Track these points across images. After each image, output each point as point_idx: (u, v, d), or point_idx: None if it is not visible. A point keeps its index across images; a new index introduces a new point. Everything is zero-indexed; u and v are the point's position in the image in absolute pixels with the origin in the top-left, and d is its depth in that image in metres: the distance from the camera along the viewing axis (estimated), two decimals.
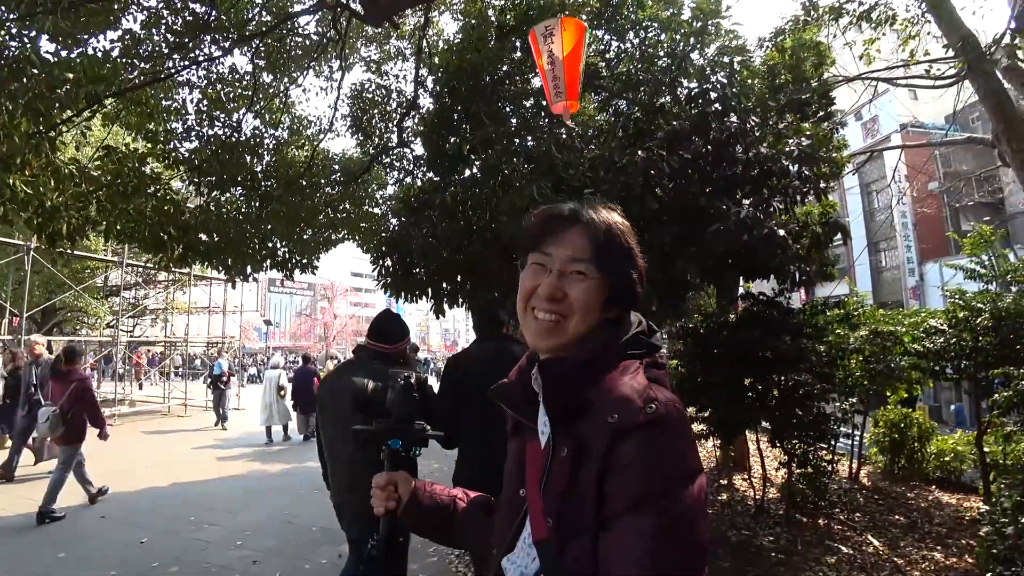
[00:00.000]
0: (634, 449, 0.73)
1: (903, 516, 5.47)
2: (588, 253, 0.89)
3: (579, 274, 0.88)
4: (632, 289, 0.92)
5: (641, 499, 0.71)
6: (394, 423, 1.09)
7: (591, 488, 0.76)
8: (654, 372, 0.86)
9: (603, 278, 0.88)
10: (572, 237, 0.90)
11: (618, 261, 0.90)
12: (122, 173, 4.69)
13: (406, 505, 1.07)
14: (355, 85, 7.33)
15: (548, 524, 0.81)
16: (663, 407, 0.76)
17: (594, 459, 0.76)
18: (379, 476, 1.07)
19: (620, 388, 0.80)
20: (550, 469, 0.83)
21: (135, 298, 17.17)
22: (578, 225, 0.91)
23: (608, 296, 0.89)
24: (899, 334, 5.59)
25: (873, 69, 9.43)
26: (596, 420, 0.78)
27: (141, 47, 5.31)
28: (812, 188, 4.18)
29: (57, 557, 4.36)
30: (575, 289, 0.88)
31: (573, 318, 0.88)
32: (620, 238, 0.91)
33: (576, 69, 3.17)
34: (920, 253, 19.10)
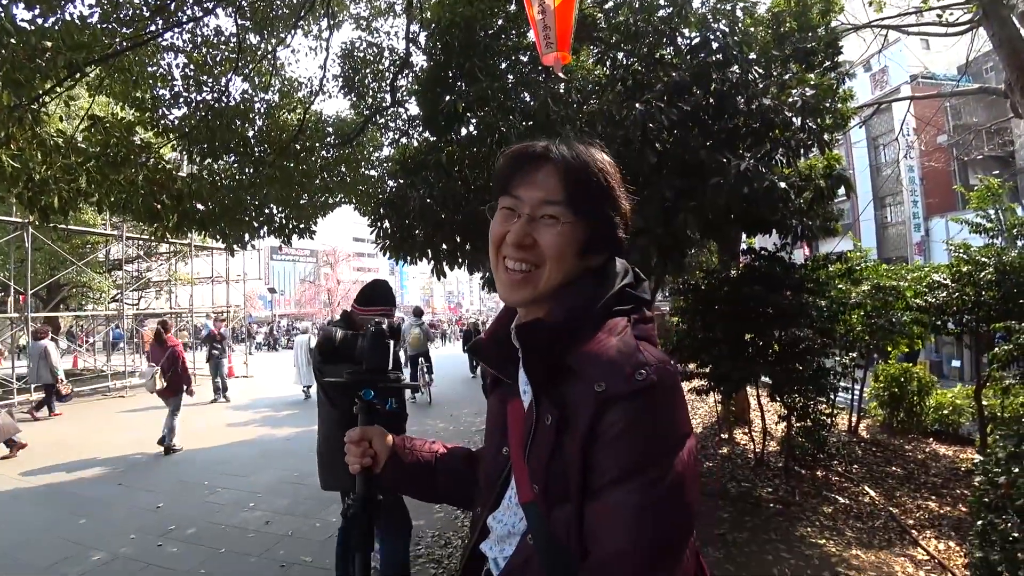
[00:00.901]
0: (622, 419, 0.70)
1: (900, 467, 5.58)
2: (560, 194, 0.80)
3: (551, 218, 0.80)
4: (612, 233, 0.84)
5: (629, 470, 0.69)
6: (365, 372, 1.02)
7: (576, 457, 0.72)
8: (642, 328, 0.80)
9: (578, 221, 0.80)
10: (543, 177, 0.82)
11: (595, 202, 0.82)
12: (110, 143, 4.59)
13: (385, 462, 1.01)
14: (345, 44, 7.10)
15: (534, 490, 0.78)
16: (653, 372, 0.71)
17: (580, 428, 0.72)
18: (352, 431, 1.00)
19: (607, 352, 0.74)
20: (534, 437, 0.79)
21: (138, 271, 17.20)
22: (549, 164, 0.82)
23: (585, 242, 0.82)
24: (901, 289, 5.57)
25: (884, 16, 9.09)
26: (582, 387, 0.73)
27: (121, 11, 5.12)
28: (816, 140, 4.06)
29: (79, 524, 4.50)
30: (546, 235, 0.80)
31: (545, 267, 0.81)
32: (598, 176, 0.82)
33: (568, 19, 3.03)
34: (927, 208, 18.85)
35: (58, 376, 8.98)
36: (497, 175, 0.88)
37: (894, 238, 20.20)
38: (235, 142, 5.83)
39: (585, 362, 0.75)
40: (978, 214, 5.60)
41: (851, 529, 4.12)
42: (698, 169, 3.53)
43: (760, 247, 5.31)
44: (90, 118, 4.81)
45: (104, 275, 15.20)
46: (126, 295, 14.73)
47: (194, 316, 15.99)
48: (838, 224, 5.83)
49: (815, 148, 4.30)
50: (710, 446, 6.43)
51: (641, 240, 3.39)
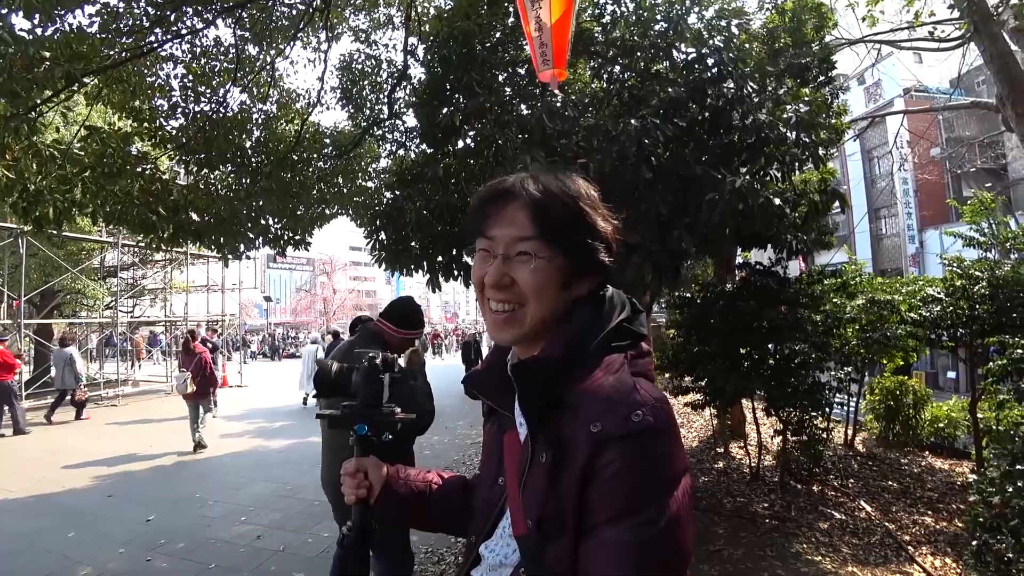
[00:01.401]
0: (618, 459, 0.70)
1: (896, 482, 5.56)
2: (531, 229, 0.79)
3: (525, 255, 0.79)
4: (593, 260, 0.82)
5: (625, 509, 0.69)
6: (359, 407, 1.02)
7: (572, 495, 0.72)
8: (639, 364, 0.80)
9: (554, 254, 0.79)
10: (512, 214, 0.81)
11: (568, 232, 0.80)
12: (106, 154, 4.59)
13: (380, 493, 1.01)
14: (344, 56, 7.13)
15: (528, 524, 0.78)
16: (649, 413, 0.71)
17: (576, 466, 0.72)
18: (347, 463, 1.01)
19: (603, 391, 0.74)
20: (529, 473, 0.78)
21: (133, 278, 17.10)
22: (518, 200, 0.81)
23: (566, 273, 0.81)
24: (896, 303, 5.59)
25: (876, 32, 9.21)
26: (578, 426, 0.73)
27: (120, 21, 5.13)
28: (811, 155, 4.09)
29: (67, 536, 4.43)
30: (523, 272, 0.79)
31: (528, 305, 0.80)
32: (567, 204, 0.80)
33: (565, 36, 3.06)
34: (920, 220, 18.97)
35: (81, 382, 9.62)
36: (470, 218, 0.88)
37: (889, 250, 20.30)
38: (232, 153, 5.83)
39: (581, 401, 0.75)
40: (971, 227, 5.62)
41: (847, 545, 4.10)
42: (693, 184, 3.54)
43: (755, 261, 5.33)
44: (87, 128, 4.80)
45: (98, 282, 15.12)
46: (120, 302, 14.65)
47: (188, 324, 15.87)
48: (833, 237, 5.86)
49: (810, 163, 4.33)
50: (706, 460, 6.41)
51: (636, 255, 3.40)
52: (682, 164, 3.62)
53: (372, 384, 1.02)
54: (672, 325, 5.90)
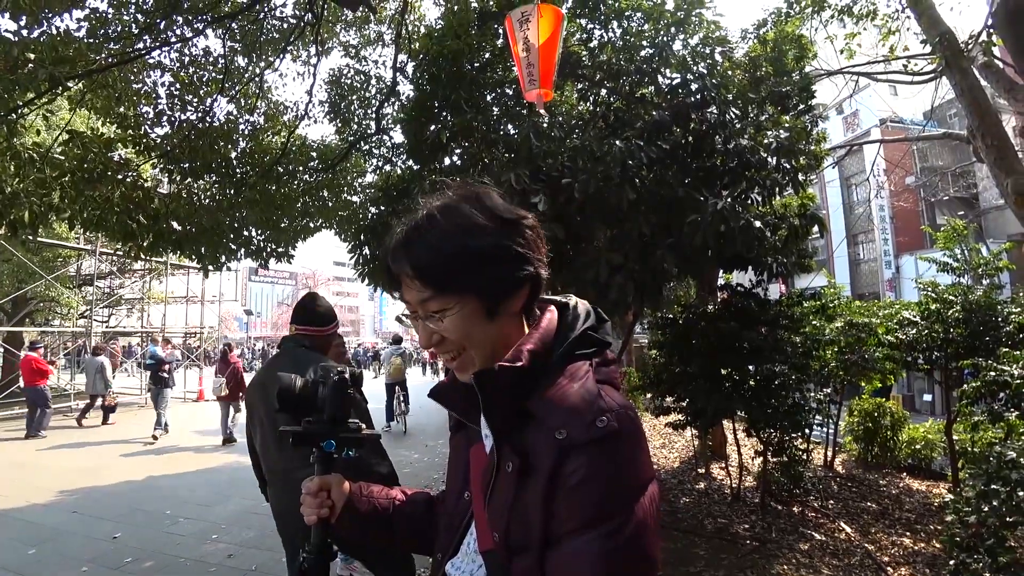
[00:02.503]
0: (583, 467, 0.69)
1: (875, 503, 5.60)
2: (424, 289, 0.78)
3: (436, 312, 0.79)
4: (499, 281, 0.79)
5: (590, 518, 0.68)
6: (325, 423, 0.98)
7: (538, 505, 0.71)
8: (604, 371, 0.80)
9: (461, 299, 0.77)
10: (407, 280, 0.80)
11: (459, 275, 0.77)
12: (88, 159, 4.52)
13: (341, 512, 0.98)
14: (333, 70, 7.17)
15: (494, 538, 0.77)
16: (614, 419, 0.71)
17: (541, 475, 0.71)
18: (310, 482, 0.97)
19: (568, 398, 0.73)
20: (495, 484, 0.78)
21: (110, 287, 16.76)
22: (401, 260, 0.79)
23: (483, 307, 0.79)
24: (873, 325, 5.69)
25: (854, 64, 9.54)
26: (542, 434, 0.73)
27: (108, 27, 5.11)
28: (791, 180, 4.19)
29: (27, 553, 4.26)
30: (444, 328, 0.79)
31: (468, 349, 0.81)
32: (447, 248, 0.77)
33: (552, 57, 3.11)
34: (897, 246, 19.48)
35: (111, 389, 10.50)
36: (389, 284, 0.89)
37: (867, 274, 20.77)
38: (217, 162, 5.78)
39: (546, 408, 0.74)
40: (945, 253, 5.78)
41: (827, 567, 4.10)
42: (676, 206, 3.60)
43: (737, 283, 5.40)
44: (68, 133, 4.74)
45: (74, 290, 14.77)
46: (96, 312, 14.30)
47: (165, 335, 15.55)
48: (812, 261, 5.97)
49: (790, 187, 4.43)
50: (687, 481, 6.39)
51: (620, 275, 3.42)
52: (665, 186, 3.68)
53: (340, 400, 0.99)
54: (654, 345, 5.92)
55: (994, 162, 4.97)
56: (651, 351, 6.78)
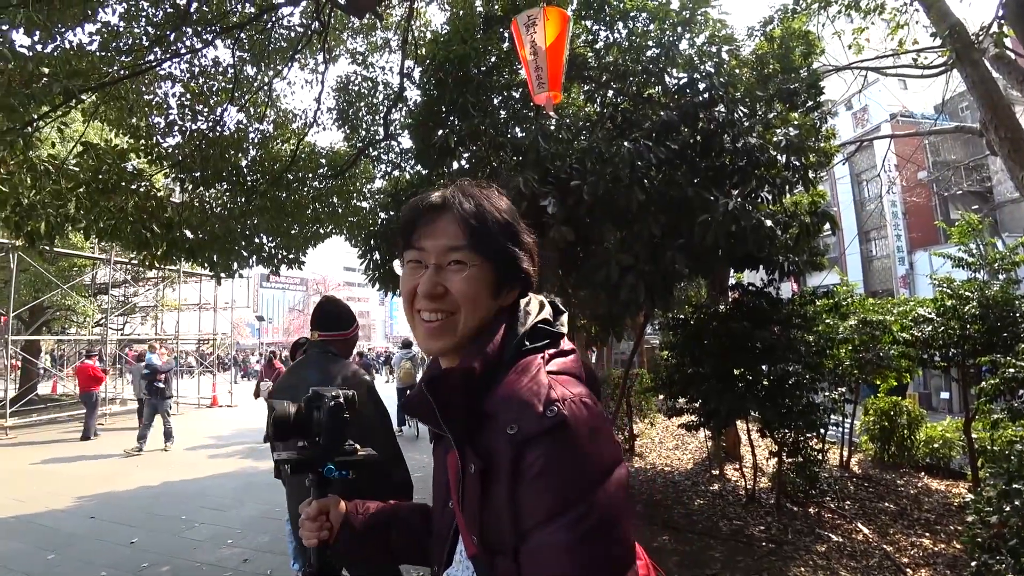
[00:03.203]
0: (539, 459, 0.68)
1: (893, 503, 5.52)
2: (462, 239, 0.81)
3: (457, 264, 0.81)
4: (518, 269, 0.84)
5: (553, 509, 0.67)
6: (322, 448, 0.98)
7: (504, 504, 0.71)
8: (560, 363, 0.79)
9: (485, 263, 0.81)
10: (443, 225, 0.82)
11: (497, 241, 0.82)
12: (102, 170, 4.59)
13: (338, 532, 0.98)
14: (341, 78, 7.22)
15: (473, 542, 0.77)
16: (565, 407, 0.70)
17: (503, 474, 0.71)
18: (308, 506, 0.97)
19: (518, 393, 0.73)
20: (464, 487, 0.78)
21: (124, 296, 16.98)
22: (448, 212, 0.83)
23: (496, 282, 0.82)
24: (888, 323, 5.62)
25: (862, 59, 9.45)
26: (498, 432, 0.72)
27: (120, 40, 5.19)
28: (801, 178, 4.16)
29: (47, 559, 4.32)
30: (456, 281, 0.80)
31: (460, 313, 0.81)
32: (496, 215, 0.83)
33: (559, 59, 3.12)
34: (910, 242, 19.24)
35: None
36: (400, 230, 0.88)
37: (879, 271, 20.52)
38: (228, 171, 5.84)
39: (497, 406, 0.74)
40: (960, 249, 5.69)
41: (845, 569, 4.05)
42: (686, 206, 3.59)
43: (748, 282, 5.36)
44: (83, 144, 4.81)
45: (89, 299, 14.98)
46: (111, 320, 14.50)
47: (179, 343, 15.73)
48: (824, 258, 5.92)
49: (800, 185, 4.40)
50: (701, 482, 6.35)
51: (630, 276, 3.41)
52: (675, 186, 3.67)
53: (337, 425, 0.99)
54: (666, 346, 5.90)
55: (1008, 154, 4.90)
56: (663, 352, 6.75)
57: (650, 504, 5.55)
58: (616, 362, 12.75)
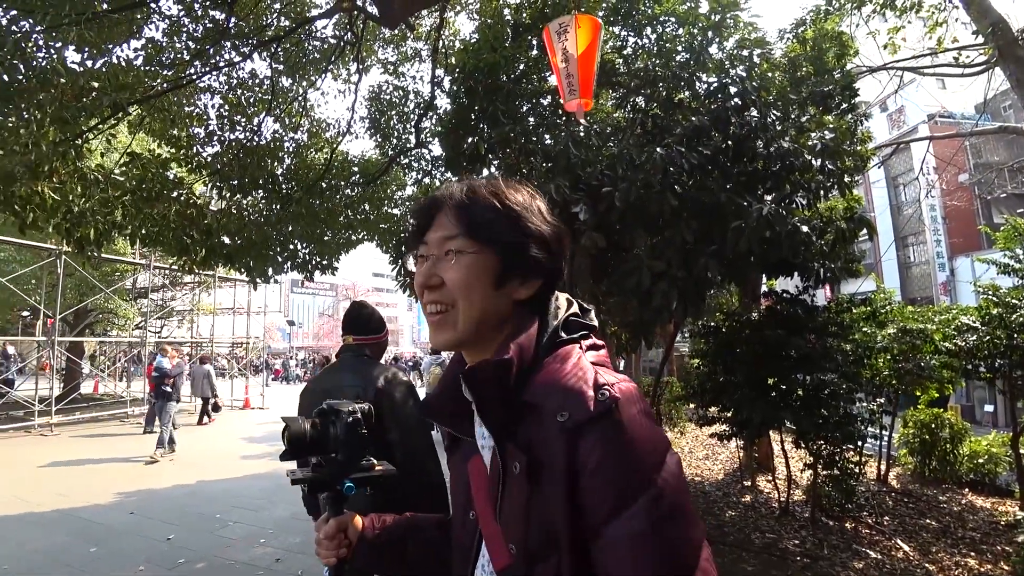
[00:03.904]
0: (597, 446, 0.65)
1: (934, 520, 5.32)
2: (457, 227, 0.79)
3: (454, 252, 0.78)
4: (525, 254, 0.79)
5: (624, 497, 0.64)
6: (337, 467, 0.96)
7: (560, 503, 0.67)
8: (597, 355, 0.77)
9: (482, 250, 0.78)
10: (441, 218, 0.81)
11: (493, 225, 0.78)
12: (146, 178, 4.79)
13: (355, 548, 0.95)
14: (372, 87, 7.38)
15: (511, 551, 0.72)
16: (615, 390, 0.68)
17: (556, 467, 0.67)
18: (326, 526, 0.94)
19: (563, 379, 0.70)
20: (504, 490, 0.73)
21: (162, 300, 17.58)
22: (444, 204, 0.82)
23: (498, 270, 0.78)
24: (929, 332, 5.44)
25: (898, 59, 9.21)
26: (544, 422, 0.69)
27: (163, 55, 5.41)
28: (836, 182, 4.07)
29: (89, 551, 4.48)
30: (450, 270, 0.78)
31: (459, 304, 0.78)
32: (492, 201, 0.80)
33: (591, 67, 3.13)
34: (951, 247, 18.51)
35: (216, 392, 11.73)
36: (410, 232, 0.89)
37: (918, 278, 19.81)
38: (264, 179, 6.02)
39: (542, 394, 0.71)
40: (1005, 254, 5.47)
41: None
42: (718, 212, 3.54)
43: (782, 289, 5.26)
44: (128, 154, 5.03)
45: (130, 302, 15.56)
46: (149, 323, 15.02)
47: (214, 346, 16.18)
48: (860, 265, 5.76)
49: (835, 190, 4.30)
50: (732, 493, 6.22)
51: (662, 283, 3.39)
52: (707, 192, 3.63)
53: (355, 441, 0.97)
54: (696, 354, 5.82)
55: None
56: (693, 360, 6.65)
57: None
58: (645, 370, 12.60)
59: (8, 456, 8.14)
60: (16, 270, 12.02)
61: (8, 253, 12.86)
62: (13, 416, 10.62)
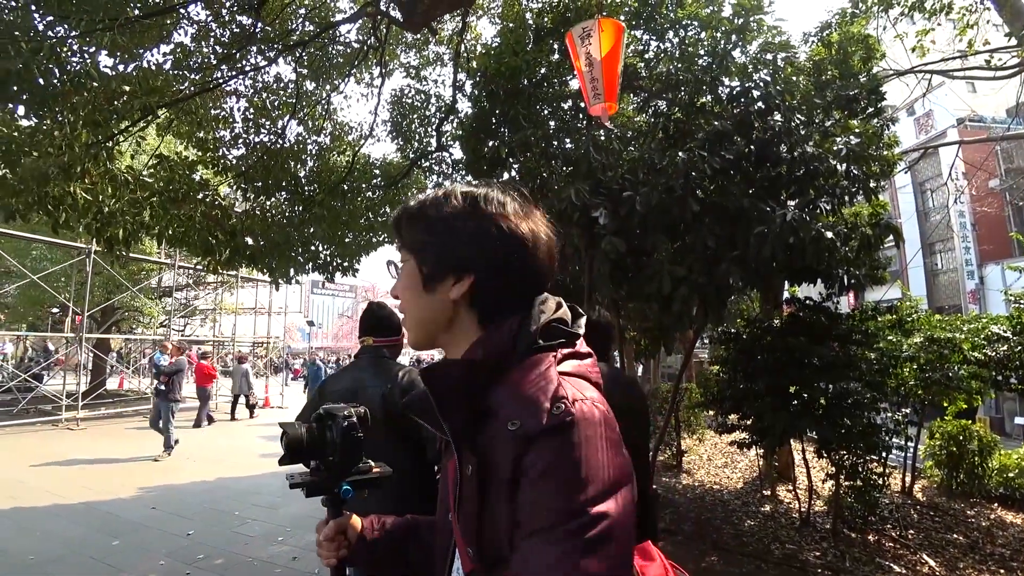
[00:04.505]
0: (541, 459, 0.63)
1: (962, 535, 5.16)
2: (398, 242, 0.86)
3: (395, 265, 0.86)
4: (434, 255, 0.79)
5: (548, 518, 0.62)
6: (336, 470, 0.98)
7: (504, 509, 0.66)
8: (575, 365, 0.74)
9: (407, 256, 0.83)
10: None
11: (412, 231, 0.82)
12: (173, 180, 4.90)
13: (355, 548, 0.96)
14: (395, 91, 7.48)
15: (469, 555, 0.71)
16: (574, 406, 0.65)
17: (502, 474, 0.66)
18: (326, 527, 0.96)
19: (523, 388, 0.69)
20: (460, 492, 0.73)
21: (186, 299, 17.96)
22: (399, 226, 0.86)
23: (421, 274, 0.80)
24: (957, 341, 5.29)
25: (927, 62, 9.00)
26: (497, 427, 0.68)
27: (191, 59, 5.55)
28: (861, 188, 3.99)
29: (111, 544, 4.58)
30: (397, 282, 0.85)
31: (405, 310, 0.84)
32: (411, 209, 0.82)
33: (614, 70, 3.12)
34: (980, 255, 18.01)
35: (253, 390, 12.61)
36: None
37: (946, 286, 19.32)
38: (287, 181, 6.13)
39: (502, 401, 0.70)
40: None
41: None
42: (741, 217, 3.50)
43: (805, 296, 5.16)
44: (157, 156, 5.15)
45: (155, 301, 15.92)
46: (173, 321, 15.34)
47: (235, 344, 16.46)
48: (886, 272, 5.64)
49: (860, 195, 4.22)
50: (751, 503, 6.12)
51: (683, 288, 3.35)
52: (729, 197, 3.59)
53: (352, 443, 0.98)
54: (716, 361, 5.74)
55: None
56: (713, 367, 6.57)
57: (698, 523, 5.39)
58: (663, 376, 12.49)
59: (35, 449, 8.37)
60: (47, 268, 12.38)
61: (40, 251, 13.27)
62: (42, 410, 10.93)
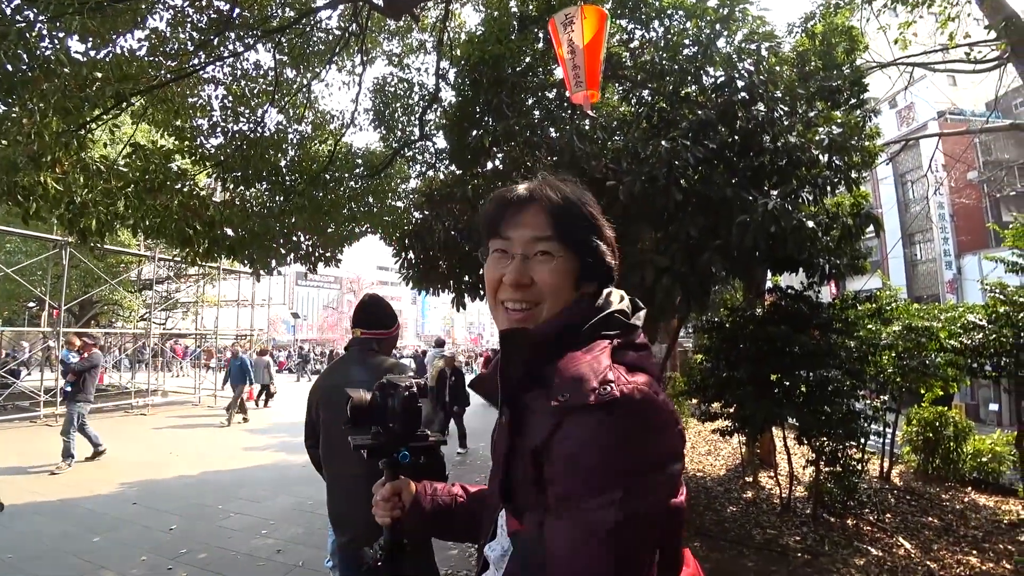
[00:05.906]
0: (578, 432, 0.67)
1: (937, 518, 5.30)
2: (550, 230, 0.82)
3: (544, 255, 0.82)
4: (603, 262, 0.85)
5: (578, 489, 0.65)
6: (398, 435, 1.05)
7: (528, 465, 0.72)
8: (628, 354, 0.77)
9: (569, 254, 0.82)
10: (531, 216, 0.84)
11: (583, 234, 0.84)
12: (149, 170, 4.77)
13: (409, 511, 1.04)
14: (377, 79, 7.34)
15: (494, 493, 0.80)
16: (621, 389, 0.68)
17: (535, 435, 0.72)
18: (383, 488, 1.04)
19: (577, 367, 0.72)
20: (497, 437, 0.81)
21: (167, 291, 17.65)
22: (535, 204, 0.84)
23: (578, 273, 0.83)
24: (935, 329, 5.40)
25: (909, 54, 9.10)
26: (545, 397, 0.72)
27: (167, 45, 5.38)
28: (843, 178, 4.03)
29: (92, 541, 4.51)
30: (541, 271, 0.82)
31: (544, 304, 0.82)
32: (582, 209, 0.84)
33: (597, 58, 3.09)
34: (958, 245, 18.37)
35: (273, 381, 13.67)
36: (485, 220, 0.90)
37: (924, 276, 19.70)
38: (267, 171, 6.00)
39: (555, 374, 0.74)
40: (1014, 252, 5.42)
41: None
42: (724, 207, 3.51)
43: (786, 285, 5.22)
44: (131, 145, 5.01)
45: (135, 294, 15.63)
46: (154, 314, 15.09)
47: (218, 338, 16.24)
48: (866, 262, 5.72)
49: (842, 186, 4.26)
50: (734, 489, 6.21)
51: (666, 278, 3.36)
52: (712, 186, 3.60)
53: (412, 412, 1.06)
54: (700, 350, 5.80)
55: None
56: (696, 356, 6.64)
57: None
58: None
59: (13, 447, 8.21)
60: (22, 261, 12.09)
61: (14, 244, 12.95)
62: (19, 407, 10.70)
